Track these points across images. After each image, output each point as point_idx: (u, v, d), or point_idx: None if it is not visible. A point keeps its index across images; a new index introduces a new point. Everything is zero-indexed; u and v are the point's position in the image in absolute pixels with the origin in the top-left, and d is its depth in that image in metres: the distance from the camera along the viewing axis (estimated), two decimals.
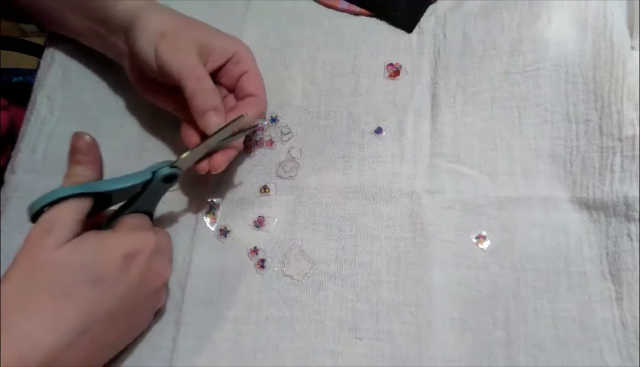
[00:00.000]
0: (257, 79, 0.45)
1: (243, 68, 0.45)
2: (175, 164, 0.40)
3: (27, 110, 0.51)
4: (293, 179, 0.47)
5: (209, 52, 0.43)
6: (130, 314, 0.38)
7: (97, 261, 0.35)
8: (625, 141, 0.42)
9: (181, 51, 0.41)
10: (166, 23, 0.42)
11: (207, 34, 0.44)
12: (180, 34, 0.41)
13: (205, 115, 0.40)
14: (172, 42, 0.41)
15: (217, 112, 0.41)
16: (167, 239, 0.43)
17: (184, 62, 0.40)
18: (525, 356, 0.40)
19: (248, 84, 0.45)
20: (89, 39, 0.49)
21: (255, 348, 0.41)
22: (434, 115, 0.47)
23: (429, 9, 0.51)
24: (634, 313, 0.39)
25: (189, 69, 0.40)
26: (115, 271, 0.35)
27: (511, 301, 0.41)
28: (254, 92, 0.45)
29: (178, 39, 0.41)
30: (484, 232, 0.44)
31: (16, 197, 0.47)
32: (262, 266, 0.44)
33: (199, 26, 0.44)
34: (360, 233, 0.44)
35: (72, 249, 0.34)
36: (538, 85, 0.46)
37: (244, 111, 0.42)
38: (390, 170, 0.46)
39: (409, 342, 0.41)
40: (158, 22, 0.42)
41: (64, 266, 0.34)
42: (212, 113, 0.40)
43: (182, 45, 0.41)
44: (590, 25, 0.46)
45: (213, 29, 0.45)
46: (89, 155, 0.39)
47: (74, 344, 0.33)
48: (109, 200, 0.39)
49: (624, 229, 0.41)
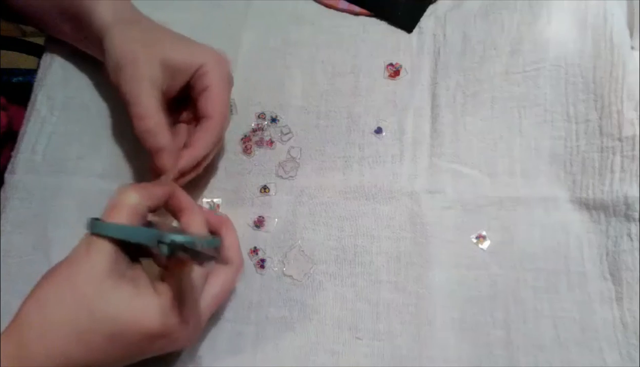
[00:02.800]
0: (215, 97, 0.42)
1: (205, 83, 0.42)
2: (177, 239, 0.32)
3: (27, 110, 0.51)
4: (293, 179, 0.47)
5: (173, 70, 0.41)
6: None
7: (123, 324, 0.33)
8: (625, 141, 0.42)
9: (133, 84, 0.40)
10: (124, 50, 0.41)
11: (172, 49, 0.42)
12: (136, 63, 0.40)
13: (153, 156, 0.40)
14: (126, 75, 0.40)
15: (164, 153, 0.40)
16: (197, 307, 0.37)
17: (133, 98, 0.40)
18: (525, 356, 0.40)
19: (204, 103, 0.42)
20: (83, 47, 0.49)
21: (255, 348, 0.41)
22: (434, 115, 0.47)
23: (429, 9, 0.51)
24: (634, 313, 0.39)
25: (135, 106, 0.40)
26: (135, 341, 0.33)
27: (511, 301, 0.41)
28: (209, 113, 0.42)
29: (133, 70, 0.40)
30: (484, 232, 0.44)
31: (16, 197, 0.47)
32: (262, 266, 0.44)
33: (163, 42, 0.42)
34: (360, 233, 0.44)
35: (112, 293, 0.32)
36: (538, 85, 0.46)
37: (199, 143, 0.42)
38: (390, 170, 0.46)
39: (409, 342, 0.41)
40: (117, 50, 0.41)
41: (96, 309, 0.32)
42: (159, 154, 0.40)
43: (136, 76, 0.40)
44: (590, 25, 0.46)
45: (181, 40, 0.43)
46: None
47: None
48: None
49: (624, 229, 0.41)
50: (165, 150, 0.40)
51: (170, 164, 0.40)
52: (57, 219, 0.46)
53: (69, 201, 0.47)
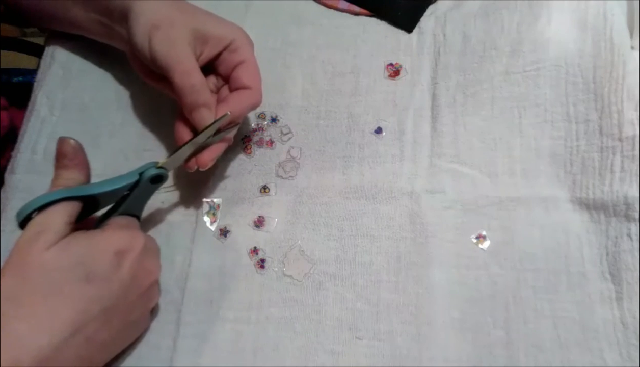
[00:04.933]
0: (252, 69, 0.44)
1: (239, 57, 0.43)
2: (162, 164, 0.40)
3: (27, 110, 0.51)
4: (293, 179, 0.47)
5: (204, 41, 0.42)
6: (124, 313, 0.37)
7: (87, 258, 0.35)
8: (625, 141, 0.42)
9: (172, 44, 0.40)
10: (160, 12, 0.41)
11: (204, 20, 0.42)
12: (173, 25, 0.41)
13: (193, 112, 0.40)
14: (164, 35, 0.40)
15: (205, 108, 0.40)
16: (153, 240, 0.42)
17: (174, 56, 0.40)
18: (525, 356, 0.40)
19: (242, 75, 0.43)
20: (94, 31, 0.48)
21: (255, 348, 0.41)
22: (434, 115, 0.47)
23: (429, 9, 0.51)
24: (634, 313, 0.39)
25: (178, 63, 0.40)
26: (106, 268, 0.35)
27: (511, 301, 0.41)
28: (248, 84, 0.43)
29: (171, 30, 0.40)
30: (484, 232, 0.44)
31: (16, 197, 0.47)
32: (262, 266, 0.44)
33: (195, 12, 0.43)
34: (360, 233, 0.44)
35: (61, 248, 0.34)
36: (538, 85, 0.46)
37: (236, 104, 0.42)
38: (390, 170, 0.46)
39: (409, 342, 0.41)
40: (151, 12, 0.41)
41: (55, 265, 0.34)
42: (200, 109, 0.40)
43: (174, 37, 0.40)
44: (590, 25, 0.46)
45: (211, 15, 0.44)
46: (74, 159, 0.38)
47: (69, 344, 0.33)
48: (97, 203, 0.39)
49: (624, 229, 0.41)
50: (207, 106, 0.41)
51: (210, 120, 0.41)
52: None
53: None
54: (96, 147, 0.49)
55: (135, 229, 0.40)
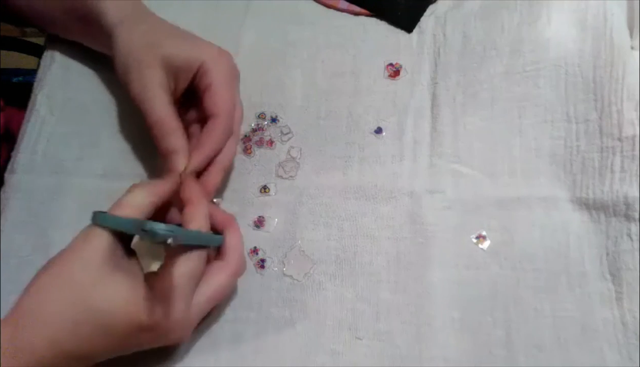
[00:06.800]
0: (217, 94, 0.42)
1: (206, 81, 0.42)
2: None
3: (27, 110, 0.51)
4: (293, 179, 0.47)
5: (175, 72, 0.42)
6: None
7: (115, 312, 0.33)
8: (625, 141, 0.42)
9: (144, 88, 0.41)
10: (130, 50, 0.41)
11: (172, 45, 0.42)
12: (142, 64, 0.41)
13: (166, 157, 0.41)
14: (137, 76, 0.41)
15: (176, 155, 0.40)
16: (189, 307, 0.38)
17: (146, 102, 0.40)
18: (525, 356, 0.40)
19: (207, 102, 0.42)
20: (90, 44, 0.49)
21: (255, 348, 0.41)
22: (434, 115, 0.47)
23: (429, 9, 0.51)
24: (634, 313, 0.39)
25: (151, 110, 0.40)
26: (123, 331, 0.34)
27: (511, 301, 0.41)
28: (214, 111, 0.42)
29: (144, 72, 0.41)
30: (484, 232, 0.44)
31: (16, 197, 0.47)
32: (262, 266, 0.44)
33: (165, 41, 0.42)
34: (360, 233, 0.44)
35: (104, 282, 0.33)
36: (538, 85, 0.46)
37: (206, 143, 0.41)
38: (390, 170, 0.46)
39: (409, 342, 0.41)
40: (124, 50, 0.42)
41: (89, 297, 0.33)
42: (171, 156, 0.40)
43: (145, 81, 0.41)
44: (590, 25, 0.46)
45: (181, 39, 0.43)
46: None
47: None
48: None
49: (624, 229, 0.41)
50: (179, 153, 0.40)
51: (183, 165, 0.40)
52: (56, 219, 0.46)
53: (68, 201, 0.47)
54: (96, 147, 0.49)
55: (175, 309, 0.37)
